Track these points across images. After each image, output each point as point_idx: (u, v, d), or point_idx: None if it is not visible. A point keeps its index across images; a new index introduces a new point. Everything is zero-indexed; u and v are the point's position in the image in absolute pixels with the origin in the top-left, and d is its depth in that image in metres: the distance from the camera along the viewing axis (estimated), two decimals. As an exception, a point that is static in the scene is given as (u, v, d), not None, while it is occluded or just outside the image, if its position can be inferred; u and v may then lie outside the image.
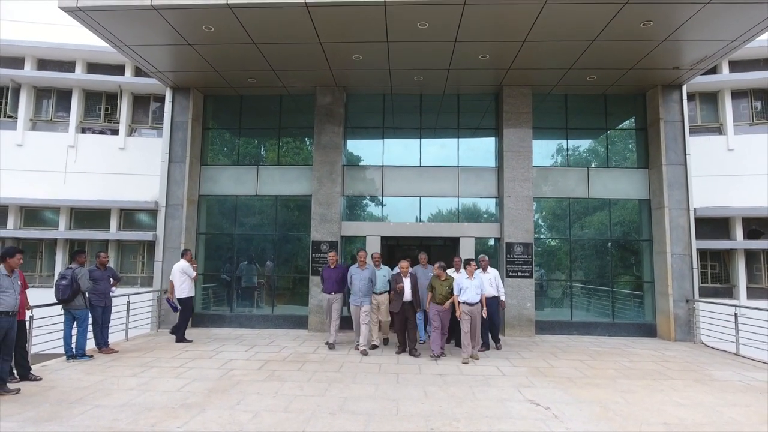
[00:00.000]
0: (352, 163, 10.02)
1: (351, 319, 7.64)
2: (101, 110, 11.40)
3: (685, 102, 9.23)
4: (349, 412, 4.41)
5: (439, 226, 9.57)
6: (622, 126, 10.05)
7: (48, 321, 6.44)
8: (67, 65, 11.42)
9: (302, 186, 9.83)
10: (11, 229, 10.84)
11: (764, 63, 10.75)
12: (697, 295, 8.84)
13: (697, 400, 4.94)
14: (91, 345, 6.75)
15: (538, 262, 9.38)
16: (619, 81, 9.05)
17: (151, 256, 10.56)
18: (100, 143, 11.18)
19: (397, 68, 8.60)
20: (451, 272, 7.30)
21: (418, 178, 9.73)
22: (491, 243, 9.60)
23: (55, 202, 10.78)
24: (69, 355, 6.38)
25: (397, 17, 6.76)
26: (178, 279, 7.73)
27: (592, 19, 6.81)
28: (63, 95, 11.41)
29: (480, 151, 9.93)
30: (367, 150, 10.10)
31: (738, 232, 10.24)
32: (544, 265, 9.57)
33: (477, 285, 6.67)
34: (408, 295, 7.04)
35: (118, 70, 11.38)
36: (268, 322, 9.44)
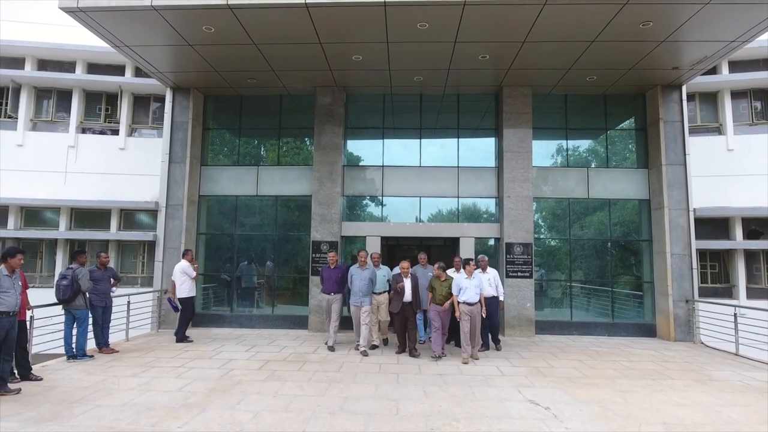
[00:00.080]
0: (352, 163, 10.02)
1: (351, 320, 7.65)
2: (101, 110, 11.40)
3: (684, 102, 9.24)
4: (349, 411, 4.42)
5: (439, 227, 9.58)
6: (622, 126, 10.05)
7: (48, 321, 6.46)
8: (68, 65, 11.43)
9: (302, 186, 9.84)
10: (12, 229, 10.85)
11: (764, 63, 10.75)
12: (697, 295, 8.84)
13: (697, 400, 4.95)
14: (91, 345, 6.77)
15: (537, 263, 9.39)
16: (619, 81, 9.06)
17: (151, 256, 10.58)
18: (100, 143, 11.19)
19: (397, 68, 8.61)
20: (452, 272, 7.30)
21: (418, 179, 9.73)
22: (491, 243, 9.61)
23: (55, 203, 10.79)
24: (69, 355, 6.39)
25: (397, 18, 6.76)
26: (178, 279, 7.77)
27: (592, 20, 6.82)
28: (63, 95, 11.41)
29: (480, 151, 9.94)
30: (367, 150, 10.10)
31: (737, 232, 10.25)
32: (543, 266, 9.58)
33: (476, 285, 6.69)
34: (408, 295, 7.04)
35: (119, 70, 11.39)
36: (269, 322, 9.45)
